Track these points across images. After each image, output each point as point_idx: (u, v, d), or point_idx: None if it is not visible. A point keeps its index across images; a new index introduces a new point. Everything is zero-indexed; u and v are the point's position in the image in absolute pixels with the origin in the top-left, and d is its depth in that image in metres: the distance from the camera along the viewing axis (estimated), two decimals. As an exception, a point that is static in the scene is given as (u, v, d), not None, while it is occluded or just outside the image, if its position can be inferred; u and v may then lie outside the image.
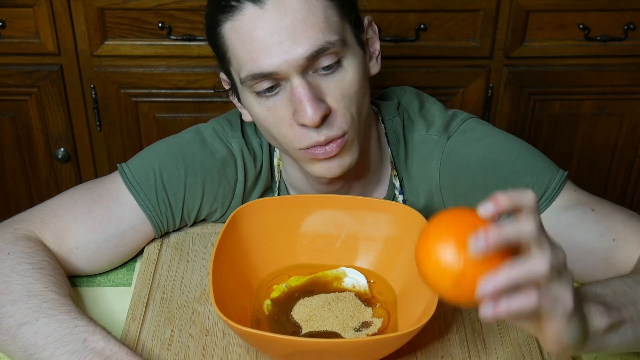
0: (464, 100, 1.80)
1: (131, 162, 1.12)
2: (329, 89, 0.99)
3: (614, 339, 0.81)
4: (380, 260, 1.06)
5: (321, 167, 1.03)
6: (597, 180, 1.94)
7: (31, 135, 1.83)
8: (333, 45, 0.97)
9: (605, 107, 1.83)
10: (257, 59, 0.97)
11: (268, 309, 1.00)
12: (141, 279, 1.09)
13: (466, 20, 1.71)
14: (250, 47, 0.97)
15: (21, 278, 0.97)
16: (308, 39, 0.96)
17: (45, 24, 1.68)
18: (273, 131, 1.03)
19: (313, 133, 0.99)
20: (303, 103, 0.97)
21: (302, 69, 0.97)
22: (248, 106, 1.04)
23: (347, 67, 1.00)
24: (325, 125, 0.99)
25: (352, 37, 1.02)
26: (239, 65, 1.00)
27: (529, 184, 1.08)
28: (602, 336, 0.80)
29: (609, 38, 1.73)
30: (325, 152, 1.01)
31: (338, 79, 0.99)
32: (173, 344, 0.99)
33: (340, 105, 1.00)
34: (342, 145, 1.01)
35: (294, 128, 1.00)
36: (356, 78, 1.01)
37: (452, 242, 0.74)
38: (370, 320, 0.98)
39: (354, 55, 1.01)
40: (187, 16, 1.69)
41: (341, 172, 1.04)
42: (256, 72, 0.97)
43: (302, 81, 0.97)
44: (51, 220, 1.07)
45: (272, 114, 1.01)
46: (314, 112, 0.96)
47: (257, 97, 1.01)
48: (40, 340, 0.91)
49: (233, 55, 1.00)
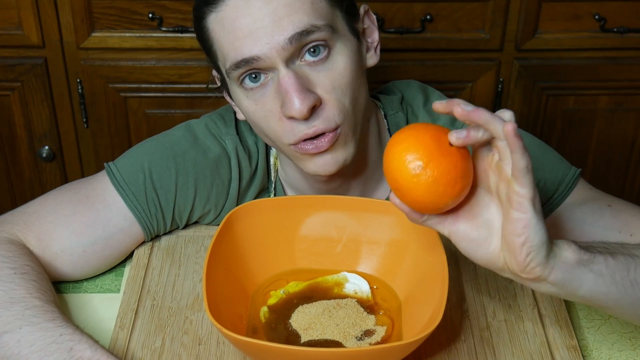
0: (472, 95, 1.80)
1: (119, 161, 1.12)
2: (318, 80, 1.00)
3: (587, 276, 0.83)
4: (383, 264, 1.06)
5: (315, 164, 1.03)
6: (614, 180, 1.94)
7: (14, 133, 1.83)
8: (318, 29, 0.98)
9: (622, 103, 1.83)
10: (240, 47, 0.98)
11: (265, 317, 1.00)
12: (130, 285, 1.09)
13: (475, 10, 1.71)
14: (232, 36, 0.99)
15: (3, 284, 0.97)
16: (291, 22, 0.97)
17: (28, 14, 1.68)
18: (263, 126, 1.03)
19: (302, 126, 1.00)
20: (289, 93, 0.98)
21: (287, 54, 0.98)
22: (238, 102, 1.05)
23: (337, 57, 1.01)
24: (314, 117, 1.00)
25: (344, 26, 1.03)
26: (223, 56, 1.01)
27: (540, 181, 1.09)
28: (572, 267, 0.82)
29: (626, 29, 1.73)
30: (316, 147, 1.01)
31: (328, 68, 1.00)
32: (164, 353, 0.99)
33: (331, 96, 1.00)
34: (335, 139, 1.01)
35: (283, 122, 1.01)
36: (348, 68, 1.01)
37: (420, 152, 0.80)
38: (373, 329, 0.98)
39: (346, 44, 1.02)
40: (179, 6, 1.69)
41: (337, 169, 1.04)
42: (239, 59, 0.99)
43: (289, 71, 0.98)
44: (34, 223, 1.07)
45: (261, 108, 1.02)
46: (301, 102, 0.97)
47: (244, 91, 1.02)
48: (23, 350, 0.91)
49: (218, 47, 1.02)
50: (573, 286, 0.83)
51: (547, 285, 0.83)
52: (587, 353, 1.02)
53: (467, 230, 0.84)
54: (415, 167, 0.80)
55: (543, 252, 0.80)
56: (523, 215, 0.78)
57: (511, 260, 0.81)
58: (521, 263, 0.80)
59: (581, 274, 0.83)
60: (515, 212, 0.78)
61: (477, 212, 0.83)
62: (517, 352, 0.99)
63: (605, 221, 1.05)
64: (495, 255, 0.83)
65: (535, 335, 1.01)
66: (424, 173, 0.79)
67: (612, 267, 0.84)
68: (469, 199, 0.84)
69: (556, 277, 0.82)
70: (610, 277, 0.84)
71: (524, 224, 0.78)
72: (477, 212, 0.83)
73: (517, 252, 0.80)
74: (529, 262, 0.80)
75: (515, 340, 1.01)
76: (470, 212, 0.84)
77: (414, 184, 0.80)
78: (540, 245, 0.79)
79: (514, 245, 0.80)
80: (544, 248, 0.80)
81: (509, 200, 0.79)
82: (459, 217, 0.84)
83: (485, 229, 0.83)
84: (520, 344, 1.00)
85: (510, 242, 0.80)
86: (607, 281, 0.84)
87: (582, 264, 0.82)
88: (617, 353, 1.02)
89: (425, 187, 0.80)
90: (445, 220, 0.85)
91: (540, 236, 0.79)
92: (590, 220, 1.06)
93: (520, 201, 0.78)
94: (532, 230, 0.78)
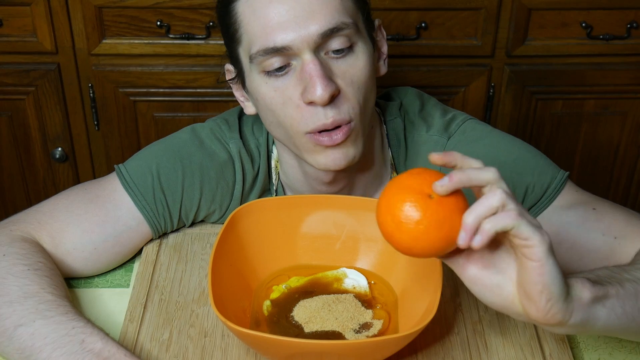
0: (465, 99, 1.80)
1: (128, 163, 1.12)
2: (339, 71, 1.00)
3: (601, 311, 0.80)
4: (381, 261, 1.06)
5: (326, 157, 1.03)
6: (600, 180, 1.93)
7: (28, 135, 1.83)
8: (347, 27, 0.98)
9: (608, 107, 1.83)
10: (271, 33, 0.97)
11: (268, 310, 1.00)
12: (139, 280, 1.09)
13: (468, 18, 1.70)
14: (264, 22, 0.98)
15: (17, 279, 0.97)
16: (324, 16, 0.97)
17: (42, 22, 1.68)
18: (279, 114, 1.02)
19: (320, 114, 0.99)
20: (313, 78, 0.97)
21: (315, 46, 0.97)
22: (255, 89, 1.04)
23: (359, 54, 1.01)
24: (332, 107, 0.99)
25: (364, 29, 1.03)
26: (250, 41, 1.00)
27: (529, 184, 1.08)
28: (588, 306, 0.79)
29: (611, 37, 1.73)
30: (331, 139, 1.00)
31: (349, 63, 1.00)
32: (172, 345, 0.98)
33: (349, 89, 1.00)
34: (349, 133, 1.01)
35: (301, 109, 1.00)
36: (367, 67, 1.01)
37: (412, 200, 0.78)
38: (371, 322, 0.98)
39: (366, 45, 1.02)
40: (186, 14, 1.69)
41: (346, 164, 1.03)
42: (269, 47, 0.98)
43: (314, 58, 0.98)
44: (47, 221, 1.07)
45: (280, 94, 1.01)
46: (324, 88, 0.97)
47: (265, 76, 1.01)
48: (37, 342, 0.91)
49: (245, 31, 1.00)
50: (590, 324, 0.80)
51: (567, 327, 0.79)
52: (575, 345, 1.02)
53: (478, 275, 0.80)
54: (407, 215, 0.78)
55: (563, 298, 0.77)
56: (537, 263, 0.75)
57: (530, 307, 0.78)
58: (542, 310, 0.77)
59: (597, 311, 0.80)
60: (528, 260, 0.76)
61: (488, 257, 0.80)
62: (507, 344, 0.99)
63: (590, 224, 1.04)
64: (509, 301, 0.79)
65: (525, 328, 1.01)
66: (413, 220, 0.78)
67: (622, 298, 0.82)
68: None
69: (576, 319, 0.79)
70: (621, 308, 0.82)
71: (539, 271, 0.75)
72: (488, 258, 0.80)
73: (536, 299, 0.77)
74: (550, 308, 0.77)
75: (506, 333, 1.00)
76: (482, 257, 0.80)
77: (403, 232, 0.79)
78: (560, 291, 0.76)
79: (532, 293, 0.77)
80: (563, 293, 0.77)
81: (519, 248, 0.76)
82: (469, 262, 0.81)
83: (497, 275, 0.80)
84: (511, 337, 1.00)
85: (528, 291, 0.77)
86: (619, 313, 0.82)
87: (597, 301, 0.80)
88: (603, 345, 1.01)
89: (414, 233, 0.78)
90: (457, 263, 0.82)
91: (558, 282, 0.76)
92: (576, 223, 1.05)
93: (531, 250, 0.75)
94: (548, 277, 0.75)
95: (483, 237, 0.75)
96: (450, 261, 0.82)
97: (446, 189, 0.77)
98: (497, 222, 0.75)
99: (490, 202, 0.76)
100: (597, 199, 1.08)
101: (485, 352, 0.98)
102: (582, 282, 0.79)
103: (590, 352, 1.01)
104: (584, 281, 0.80)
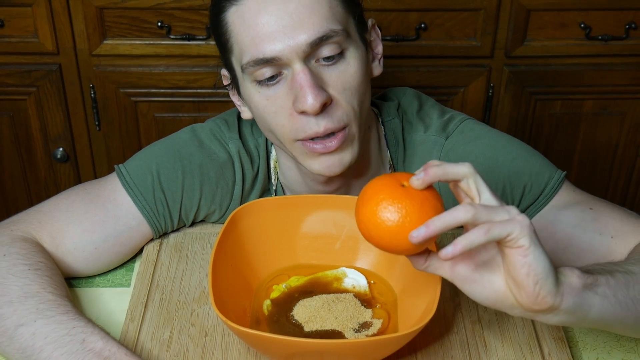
0: (464, 99, 1.80)
1: (128, 163, 1.12)
2: (330, 79, 0.99)
3: (594, 298, 0.80)
4: (380, 260, 1.06)
5: (320, 164, 1.03)
6: (599, 180, 1.93)
7: (30, 135, 1.83)
8: (336, 34, 0.97)
9: (606, 107, 1.83)
10: (260, 44, 0.97)
11: (268, 310, 1.00)
12: (140, 280, 1.09)
13: (467, 19, 1.71)
14: (253, 32, 0.97)
15: (18, 279, 0.97)
16: (312, 25, 0.96)
17: (43, 23, 1.68)
18: (271, 122, 1.02)
19: (312, 123, 0.99)
20: (304, 88, 0.97)
21: (304, 55, 0.97)
22: (248, 97, 1.04)
23: (350, 60, 1.00)
24: (324, 115, 0.99)
25: (356, 33, 1.02)
26: (241, 51, 1.00)
27: (527, 184, 1.08)
28: (580, 292, 0.79)
29: (610, 37, 1.73)
30: (325, 147, 1.00)
31: (340, 70, 1.00)
32: (172, 344, 0.98)
33: (341, 96, 1.00)
34: (343, 139, 1.01)
35: (293, 117, 1.00)
36: (359, 72, 1.01)
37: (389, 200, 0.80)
38: (370, 321, 0.98)
39: (357, 49, 1.01)
40: (187, 15, 1.69)
41: (341, 170, 1.03)
42: (258, 57, 0.97)
43: (304, 67, 0.97)
44: (48, 221, 1.07)
45: (272, 103, 1.00)
46: (315, 97, 0.96)
47: (257, 85, 1.01)
48: (38, 342, 0.90)
49: (236, 41, 1.00)
50: (583, 311, 0.80)
51: (560, 314, 0.79)
52: (574, 344, 1.02)
53: (467, 272, 0.81)
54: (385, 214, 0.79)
55: (551, 280, 0.77)
56: (520, 249, 0.76)
57: (521, 294, 0.78)
58: (531, 294, 0.77)
59: (588, 297, 0.80)
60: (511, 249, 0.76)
61: (474, 252, 0.80)
62: (506, 343, 0.99)
63: (587, 224, 1.04)
64: (501, 293, 0.79)
65: (524, 327, 1.01)
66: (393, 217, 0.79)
67: (613, 287, 0.82)
68: None
69: (567, 304, 0.78)
70: (614, 296, 0.82)
71: (522, 253, 0.76)
72: (474, 253, 0.80)
73: (524, 284, 0.77)
74: (539, 291, 0.77)
75: (505, 332, 1.00)
76: (469, 256, 0.81)
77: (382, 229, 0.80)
78: (546, 272, 0.76)
79: (519, 278, 0.77)
80: (551, 275, 0.77)
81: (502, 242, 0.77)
82: (457, 262, 0.81)
83: (485, 268, 0.80)
84: (510, 336, 1.00)
85: (515, 277, 0.77)
86: (612, 301, 0.82)
87: (588, 288, 0.80)
88: (601, 344, 1.01)
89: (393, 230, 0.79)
90: (445, 265, 0.82)
91: (543, 263, 0.76)
92: (573, 223, 1.05)
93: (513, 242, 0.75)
94: (533, 259, 0.76)
95: (455, 250, 0.75)
96: (436, 267, 0.83)
97: (422, 182, 0.78)
98: (468, 241, 0.75)
99: (457, 215, 0.76)
100: (594, 198, 1.08)
101: (485, 351, 0.98)
102: (570, 269, 0.80)
103: (589, 351, 1.00)
104: (572, 269, 0.80)
